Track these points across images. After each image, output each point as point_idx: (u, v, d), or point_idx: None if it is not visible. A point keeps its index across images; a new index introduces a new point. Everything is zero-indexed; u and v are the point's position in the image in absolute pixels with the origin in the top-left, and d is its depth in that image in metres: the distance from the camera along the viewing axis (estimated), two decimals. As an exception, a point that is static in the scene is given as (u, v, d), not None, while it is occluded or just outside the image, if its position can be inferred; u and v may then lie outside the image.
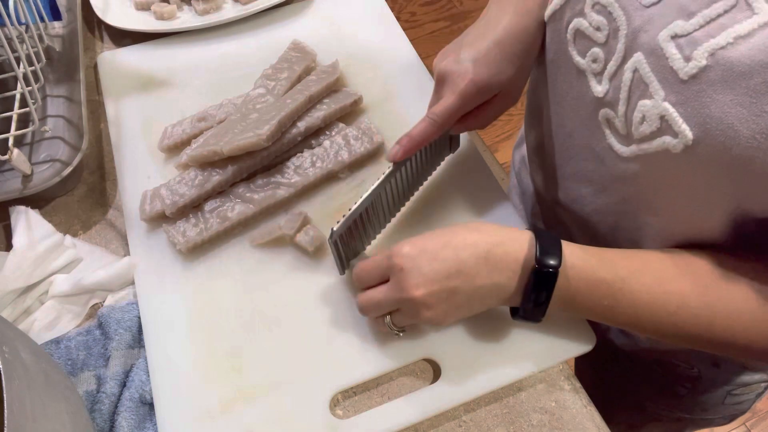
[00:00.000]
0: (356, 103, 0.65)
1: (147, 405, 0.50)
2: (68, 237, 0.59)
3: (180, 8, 0.76)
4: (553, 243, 0.44)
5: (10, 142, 0.58)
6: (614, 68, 0.42)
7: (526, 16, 0.49)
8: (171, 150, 0.63)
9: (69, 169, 0.59)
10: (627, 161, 0.44)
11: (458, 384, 0.49)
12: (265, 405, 0.49)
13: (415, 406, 0.48)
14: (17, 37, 0.60)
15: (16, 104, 0.63)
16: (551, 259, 0.43)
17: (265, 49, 0.71)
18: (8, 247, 0.57)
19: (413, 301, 0.45)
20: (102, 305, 0.55)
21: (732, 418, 0.71)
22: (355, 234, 0.52)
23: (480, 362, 0.50)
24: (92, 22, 0.77)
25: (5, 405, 0.34)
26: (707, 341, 0.44)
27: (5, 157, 0.57)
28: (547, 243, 0.44)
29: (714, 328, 0.43)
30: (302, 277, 0.55)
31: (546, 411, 0.50)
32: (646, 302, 0.44)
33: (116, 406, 0.49)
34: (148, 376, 0.50)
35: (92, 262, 0.57)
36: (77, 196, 0.63)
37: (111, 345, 0.52)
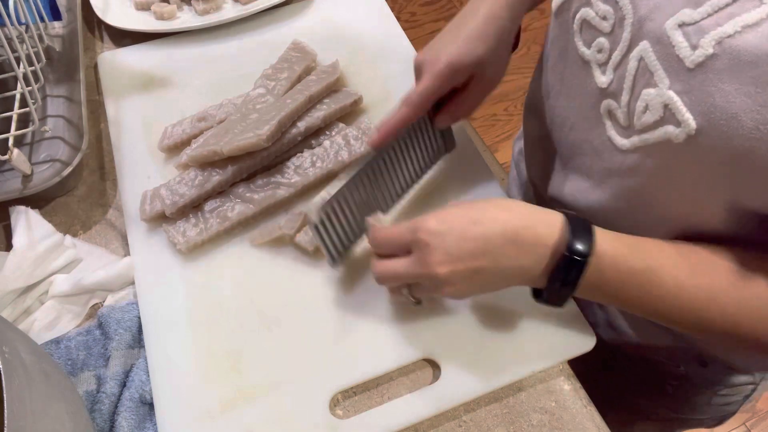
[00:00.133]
0: (356, 103, 0.65)
1: (147, 405, 0.50)
2: (68, 237, 0.59)
3: (180, 8, 0.76)
4: (585, 228, 0.43)
5: (10, 142, 0.58)
6: (619, 58, 0.42)
7: (503, 8, 0.50)
8: (171, 150, 0.63)
9: (69, 169, 0.59)
10: (626, 154, 0.44)
11: (458, 384, 0.49)
12: (265, 405, 0.49)
13: (415, 406, 0.48)
14: (17, 37, 0.60)
15: (16, 104, 0.63)
16: (582, 246, 0.42)
17: (265, 49, 0.71)
18: (8, 247, 0.57)
19: (436, 278, 0.44)
20: (102, 305, 0.55)
21: (721, 420, 0.71)
22: (345, 224, 0.52)
23: (480, 362, 0.50)
24: (92, 22, 0.77)
25: (5, 405, 0.34)
26: (733, 337, 0.43)
27: (5, 157, 0.57)
28: (579, 228, 0.43)
29: (740, 326, 0.42)
30: (302, 277, 0.55)
31: (546, 411, 0.50)
32: (675, 295, 0.43)
33: (116, 406, 0.49)
34: (148, 376, 0.50)
35: (92, 262, 0.57)
36: (77, 196, 0.63)
37: (111, 345, 0.52)
